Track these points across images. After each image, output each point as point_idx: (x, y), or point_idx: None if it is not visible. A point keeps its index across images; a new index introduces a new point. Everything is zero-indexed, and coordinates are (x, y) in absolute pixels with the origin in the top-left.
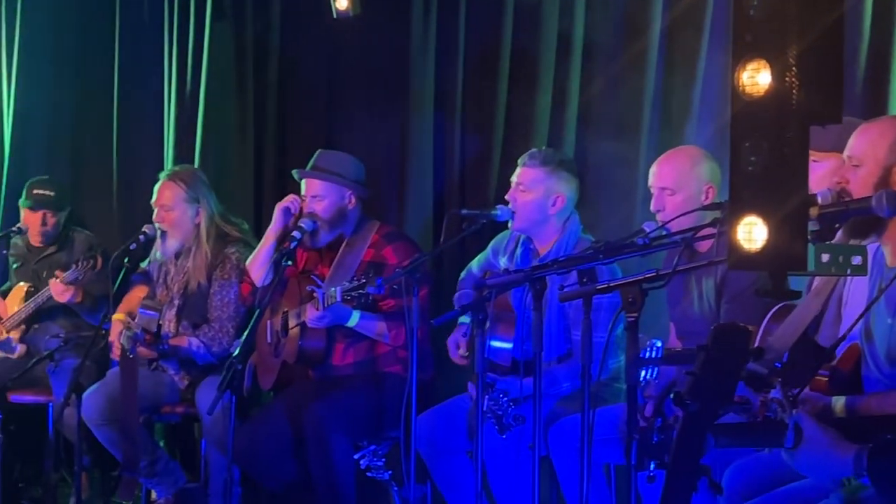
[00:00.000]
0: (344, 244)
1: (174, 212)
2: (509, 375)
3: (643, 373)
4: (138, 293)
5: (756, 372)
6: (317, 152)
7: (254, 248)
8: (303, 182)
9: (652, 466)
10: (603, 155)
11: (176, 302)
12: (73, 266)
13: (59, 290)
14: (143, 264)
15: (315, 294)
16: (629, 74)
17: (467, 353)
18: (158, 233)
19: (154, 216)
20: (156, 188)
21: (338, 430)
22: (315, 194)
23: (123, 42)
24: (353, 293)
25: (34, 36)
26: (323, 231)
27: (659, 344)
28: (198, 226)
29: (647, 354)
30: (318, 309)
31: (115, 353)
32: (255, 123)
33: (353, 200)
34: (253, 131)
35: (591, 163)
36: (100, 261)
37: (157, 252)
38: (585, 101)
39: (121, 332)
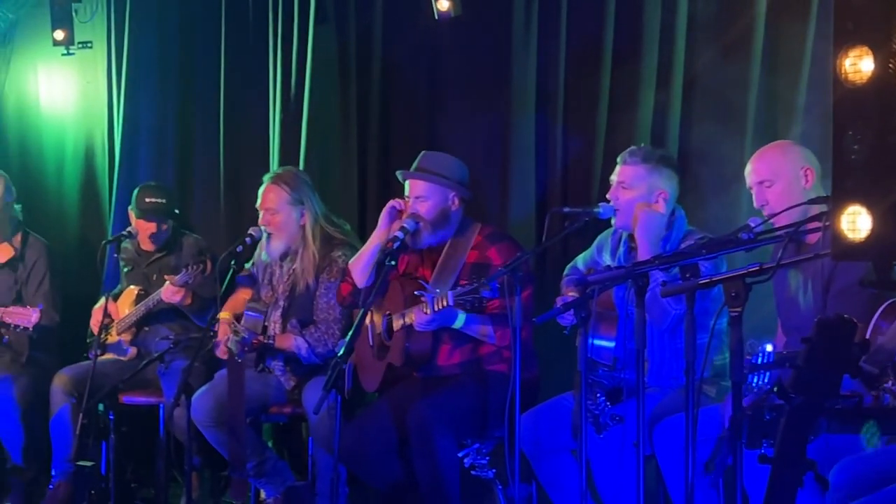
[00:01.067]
0: (447, 246)
1: (279, 214)
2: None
3: (755, 379)
4: (243, 295)
5: (869, 372)
6: (421, 153)
7: (358, 250)
8: (406, 183)
9: (764, 445)
10: (708, 150)
11: (281, 303)
12: (184, 270)
13: (169, 292)
14: (248, 265)
15: (424, 298)
16: (733, 68)
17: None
18: (264, 235)
19: (259, 219)
20: (260, 191)
21: (442, 429)
22: (418, 195)
23: (229, 48)
24: (465, 297)
25: (142, 44)
26: (426, 232)
27: (769, 349)
28: (303, 227)
29: (759, 360)
30: (427, 312)
31: (222, 353)
32: (358, 125)
33: (457, 202)
34: (356, 132)
35: (696, 158)
36: (209, 265)
37: (262, 253)
38: (689, 96)
39: (228, 337)
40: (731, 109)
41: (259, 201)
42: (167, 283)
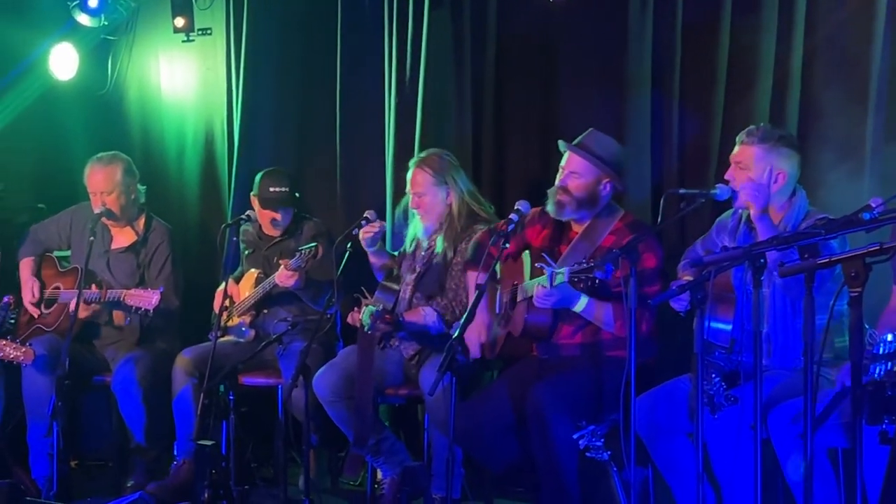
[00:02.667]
0: (586, 226)
1: (426, 196)
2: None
3: (876, 369)
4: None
5: None
6: (588, 130)
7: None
8: (565, 155)
9: (885, 422)
10: (828, 129)
11: (418, 268)
12: (297, 254)
13: (284, 276)
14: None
15: (544, 271)
16: (854, 49)
17: None
18: (416, 215)
19: (410, 203)
20: (408, 176)
21: (558, 412)
22: (573, 170)
23: (345, 33)
24: (580, 275)
25: (260, 31)
26: (569, 207)
27: (889, 338)
28: (449, 205)
29: (881, 350)
30: (545, 286)
31: (354, 320)
32: (473, 108)
33: (608, 186)
34: (471, 116)
35: (816, 137)
36: (321, 249)
37: (411, 232)
38: (808, 74)
39: (362, 308)
40: (851, 87)
41: (408, 185)
42: (282, 267)
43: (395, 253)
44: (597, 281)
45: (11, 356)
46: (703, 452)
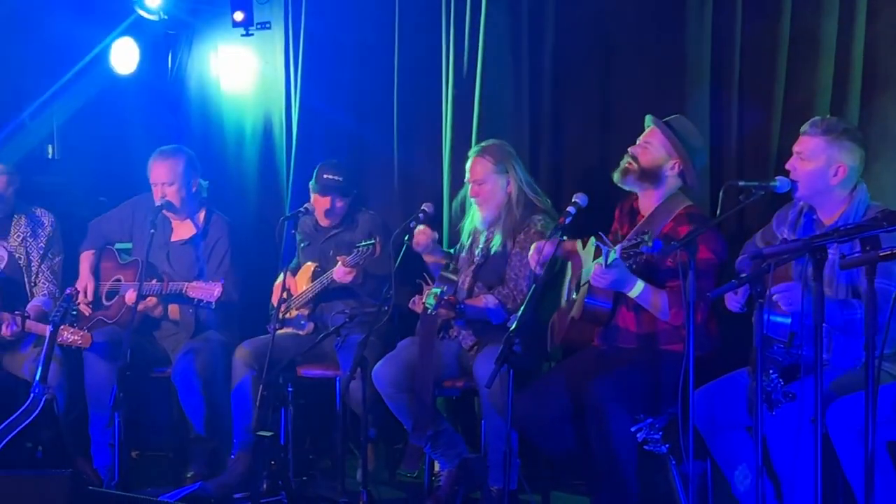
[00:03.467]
0: (651, 212)
1: (486, 185)
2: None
3: None
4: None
5: None
6: (676, 115)
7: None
8: (648, 128)
9: None
10: (888, 122)
11: (476, 260)
12: (355, 250)
13: (341, 273)
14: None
15: (601, 251)
16: None
17: None
18: (474, 205)
19: (469, 192)
20: (467, 165)
21: (616, 405)
22: (647, 140)
23: (403, 26)
24: (629, 251)
25: (318, 24)
26: (633, 176)
27: None
28: (508, 194)
29: None
30: (601, 265)
31: (417, 306)
32: (531, 101)
33: (676, 167)
34: (528, 109)
35: (878, 132)
36: (378, 247)
37: (467, 222)
38: (870, 67)
39: (425, 294)
40: None
41: (467, 175)
42: (339, 263)
43: (451, 250)
44: (643, 256)
45: (70, 340)
46: (762, 446)
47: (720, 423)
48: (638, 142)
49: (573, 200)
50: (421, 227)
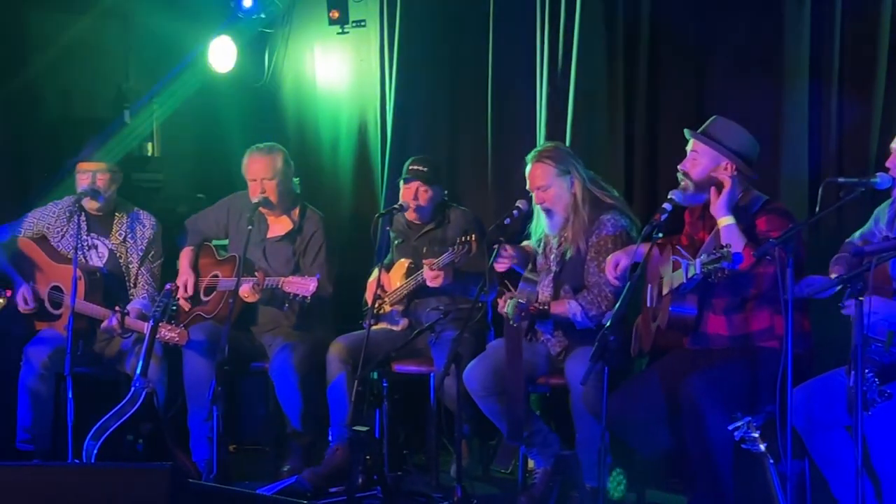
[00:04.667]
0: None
1: (552, 189)
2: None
3: None
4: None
5: None
6: (712, 118)
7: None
8: (690, 141)
9: None
10: None
11: (553, 268)
12: (449, 249)
13: (430, 276)
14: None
15: (680, 265)
16: None
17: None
18: (539, 210)
19: (535, 199)
20: (526, 173)
21: (713, 404)
22: (694, 151)
23: (497, 23)
24: (711, 266)
25: (413, 22)
26: (689, 192)
27: None
28: (574, 195)
29: None
30: (682, 280)
31: (501, 308)
32: (626, 96)
33: (729, 168)
34: (623, 104)
35: None
36: (474, 245)
37: (538, 226)
38: None
39: (506, 299)
40: None
41: (528, 183)
42: (425, 267)
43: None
44: (725, 272)
45: (167, 337)
46: (863, 446)
47: (818, 422)
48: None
49: (669, 197)
50: (502, 258)
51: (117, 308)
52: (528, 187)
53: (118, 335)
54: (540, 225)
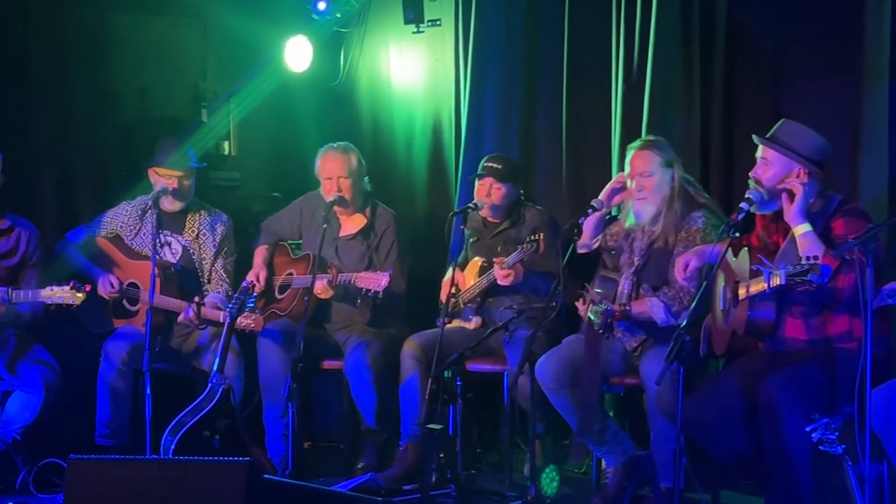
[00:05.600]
0: None
1: (653, 177)
2: None
3: None
4: None
5: None
6: (781, 121)
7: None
8: (759, 147)
9: None
10: None
11: (637, 261)
12: (519, 248)
13: (500, 275)
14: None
15: (761, 273)
16: None
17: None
18: (631, 202)
19: (633, 186)
20: (627, 159)
21: (790, 405)
22: (765, 159)
23: (572, 21)
24: (796, 278)
25: (488, 20)
26: (763, 199)
27: None
28: (672, 189)
29: None
30: (763, 288)
31: (583, 313)
32: (702, 93)
33: (804, 175)
34: (699, 101)
35: None
36: (542, 245)
37: (626, 219)
38: None
39: (588, 305)
40: None
41: (628, 169)
42: (496, 266)
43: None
44: (814, 285)
45: (243, 325)
46: None
47: None
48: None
49: (746, 196)
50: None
51: (196, 299)
52: (626, 174)
53: (195, 327)
54: (629, 217)
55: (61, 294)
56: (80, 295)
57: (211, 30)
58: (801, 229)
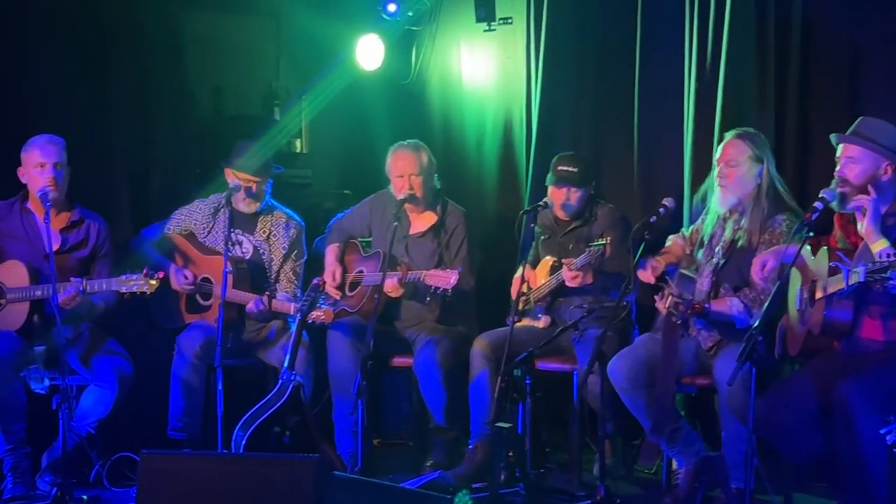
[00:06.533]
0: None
1: (739, 168)
2: None
3: None
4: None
5: None
6: (859, 118)
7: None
8: (839, 146)
9: None
10: None
11: (716, 260)
12: (587, 251)
13: (569, 277)
14: (685, 231)
15: (840, 270)
16: None
17: None
18: (716, 191)
19: (717, 173)
20: (720, 146)
21: (865, 406)
22: (849, 156)
23: (645, 18)
24: (876, 275)
25: (559, 18)
26: (851, 197)
27: None
28: (759, 185)
29: None
30: (842, 286)
31: (662, 308)
32: (776, 90)
33: (889, 171)
34: (773, 98)
35: None
36: (608, 248)
37: (708, 215)
38: None
39: (669, 299)
40: None
41: (718, 154)
42: (564, 267)
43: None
44: (892, 281)
45: (313, 317)
46: None
47: None
48: (837, 161)
49: (820, 196)
50: (648, 268)
51: (267, 292)
52: (715, 159)
53: (265, 318)
54: (713, 211)
55: (134, 282)
56: (153, 282)
57: (284, 29)
58: (878, 246)
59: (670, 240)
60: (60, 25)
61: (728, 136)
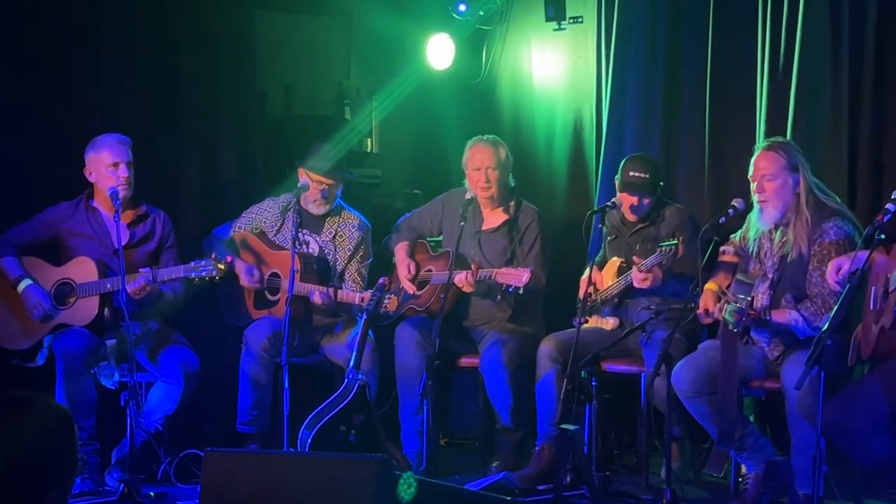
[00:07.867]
0: None
1: (776, 181)
2: None
3: None
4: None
5: None
6: None
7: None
8: None
9: None
10: None
11: (770, 275)
12: (657, 251)
13: (638, 279)
14: (734, 237)
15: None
16: None
17: None
18: (755, 206)
19: (752, 189)
20: (752, 161)
21: None
22: None
23: (717, 18)
24: None
25: (630, 17)
26: None
27: None
28: (797, 195)
29: None
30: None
31: (706, 320)
32: (850, 91)
33: None
34: (847, 100)
35: None
36: (681, 249)
37: (752, 227)
38: None
39: (722, 305)
40: None
41: (751, 171)
42: (634, 268)
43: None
44: None
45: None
46: None
47: None
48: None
49: (893, 197)
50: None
51: (332, 285)
52: (749, 175)
53: (331, 310)
54: (755, 226)
55: (203, 267)
56: (221, 266)
57: (355, 28)
58: None
59: (723, 251)
60: (134, 26)
61: (757, 149)
